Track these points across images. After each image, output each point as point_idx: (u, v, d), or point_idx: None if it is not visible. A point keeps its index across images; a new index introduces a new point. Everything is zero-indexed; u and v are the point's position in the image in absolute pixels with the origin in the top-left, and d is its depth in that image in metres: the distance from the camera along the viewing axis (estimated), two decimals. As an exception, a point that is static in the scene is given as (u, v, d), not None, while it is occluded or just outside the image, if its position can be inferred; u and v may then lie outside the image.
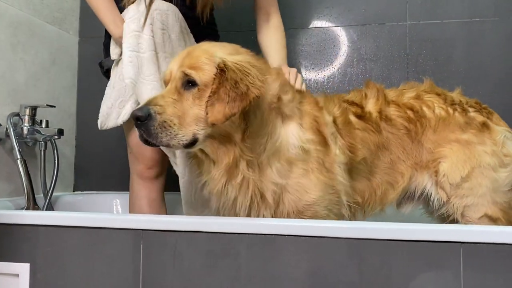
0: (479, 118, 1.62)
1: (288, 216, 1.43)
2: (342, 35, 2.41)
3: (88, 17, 2.57)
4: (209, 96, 1.29)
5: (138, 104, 1.67)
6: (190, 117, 1.30)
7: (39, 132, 2.03)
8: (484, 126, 1.60)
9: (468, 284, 1.16)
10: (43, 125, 2.06)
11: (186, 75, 1.32)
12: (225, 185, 1.39)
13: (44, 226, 1.39)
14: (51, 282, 1.37)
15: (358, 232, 1.22)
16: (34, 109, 2.02)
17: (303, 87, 1.76)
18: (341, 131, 1.54)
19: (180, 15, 1.77)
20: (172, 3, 1.76)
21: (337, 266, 1.22)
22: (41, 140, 2.07)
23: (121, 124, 1.78)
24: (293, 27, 2.42)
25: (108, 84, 1.82)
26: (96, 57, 2.54)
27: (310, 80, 2.41)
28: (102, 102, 1.81)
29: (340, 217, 1.50)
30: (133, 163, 1.82)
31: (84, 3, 2.57)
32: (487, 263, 1.17)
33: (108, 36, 1.84)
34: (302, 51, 2.43)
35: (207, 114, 1.28)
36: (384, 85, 1.81)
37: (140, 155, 1.77)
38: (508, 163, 1.58)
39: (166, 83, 1.40)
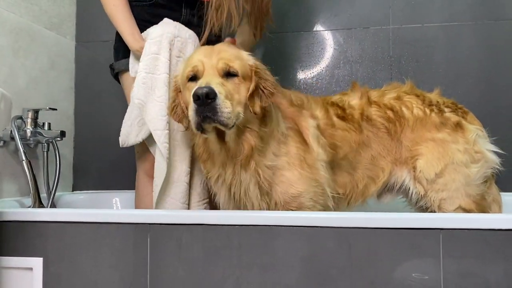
0: (454, 118, 1.72)
1: (277, 206, 1.56)
2: (329, 38, 2.48)
3: (84, 22, 2.64)
4: (253, 90, 1.48)
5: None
6: (236, 100, 1.45)
7: (41, 134, 2.09)
8: (458, 126, 1.71)
9: (447, 266, 1.27)
10: (45, 127, 2.12)
11: (229, 66, 1.47)
12: (239, 174, 1.54)
13: (56, 223, 1.46)
14: (63, 274, 1.45)
15: (347, 222, 1.32)
16: (36, 112, 2.08)
17: None
18: (324, 131, 1.67)
19: (198, 43, 1.82)
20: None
21: (328, 253, 1.32)
22: (43, 142, 2.13)
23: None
24: (283, 31, 2.50)
25: (130, 104, 1.83)
26: (92, 60, 2.63)
27: (299, 81, 2.50)
28: (124, 121, 1.82)
29: (326, 207, 1.62)
30: (141, 162, 1.88)
31: (80, 9, 2.64)
32: (464, 247, 1.27)
33: (119, 39, 1.86)
34: (291, 54, 2.50)
35: (249, 105, 1.48)
36: (369, 86, 1.91)
37: (147, 154, 1.83)
38: (479, 159, 1.69)
39: (199, 72, 1.48)
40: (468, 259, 1.27)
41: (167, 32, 1.75)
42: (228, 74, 1.47)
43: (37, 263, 1.45)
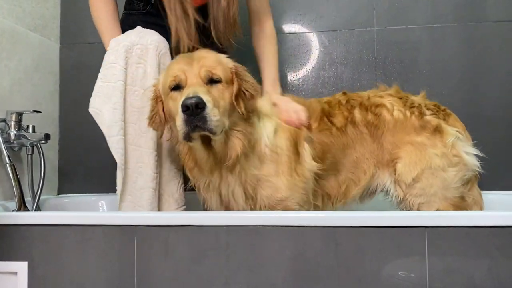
0: (434, 121, 1.73)
1: (261, 209, 1.58)
2: (314, 40, 2.50)
3: (68, 24, 2.61)
4: (236, 91, 1.50)
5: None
6: (222, 107, 1.46)
7: (25, 137, 2.06)
8: (437, 130, 1.71)
9: (433, 264, 1.29)
10: (30, 130, 2.10)
11: (212, 73, 1.48)
12: (226, 177, 1.55)
13: (40, 226, 1.45)
14: (49, 279, 1.43)
15: (334, 221, 1.34)
16: (20, 114, 2.05)
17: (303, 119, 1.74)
18: (316, 137, 1.69)
19: (164, 50, 1.80)
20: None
21: (316, 252, 1.33)
22: (28, 145, 2.10)
23: None
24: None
25: None
26: (77, 62, 2.61)
27: (286, 83, 2.50)
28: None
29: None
30: None
31: (64, 11, 2.62)
32: (449, 244, 1.29)
33: None
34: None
35: (235, 106, 1.49)
36: (354, 87, 1.94)
37: None
38: (457, 163, 1.70)
39: (181, 82, 1.48)
40: (453, 256, 1.29)
41: (124, 41, 1.76)
42: (212, 81, 1.48)
43: (21, 267, 1.43)
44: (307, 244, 1.34)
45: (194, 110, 1.35)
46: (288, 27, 2.53)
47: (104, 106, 1.73)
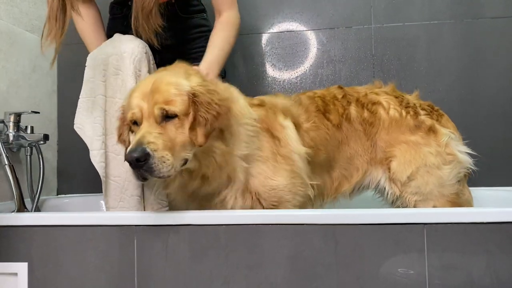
0: (428, 121, 1.76)
1: (257, 201, 1.55)
2: (312, 38, 2.51)
3: (66, 24, 2.62)
4: (192, 123, 1.37)
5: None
6: (179, 145, 1.37)
7: (24, 138, 2.06)
8: (431, 130, 1.74)
9: (432, 260, 1.29)
10: (28, 131, 2.10)
11: (165, 110, 1.37)
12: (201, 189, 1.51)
13: (40, 227, 1.45)
14: (49, 279, 1.43)
15: (332, 218, 1.34)
16: (18, 115, 2.05)
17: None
18: (303, 135, 1.68)
19: (139, 56, 1.76)
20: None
21: (315, 250, 1.33)
22: (26, 146, 2.10)
23: None
24: (267, 31, 2.52)
25: None
26: (74, 63, 2.60)
27: (284, 81, 2.51)
28: None
29: (305, 198, 1.62)
30: None
31: (61, 11, 2.62)
32: (448, 241, 1.30)
33: None
34: (275, 53, 2.52)
35: (191, 139, 1.37)
36: (352, 85, 1.94)
37: None
38: (451, 160, 1.72)
39: (138, 120, 1.41)
40: (452, 253, 1.30)
41: (100, 55, 1.78)
42: (167, 117, 1.38)
43: (22, 268, 1.44)
44: (306, 242, 1.34)
45: (137, 164, 1.29)
46: (285, 25, 2.53)
47: (86, 121, 1.78)
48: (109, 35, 1.91)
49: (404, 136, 1.73)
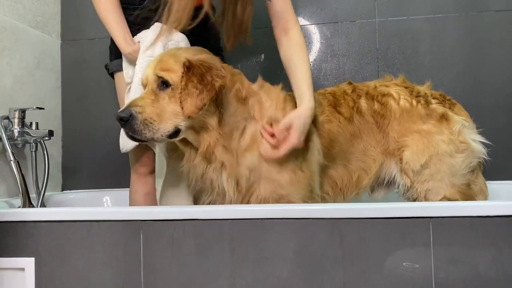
0: (440, 109, 1.75)
1: (265, 201, 1.56)
2: (316, 32, 2.49)
3: (69, 20, 2.61)
4: (180, 93, 1.44)
5: None
6: (169, 113, 1.45)
7: (29, 134, 2.07)
8: (443, 117, 1.73)
9: (438, 254, 1.29)
10: (33, 127, 2.10)
11: (159, 77, 1.47)
12: (205, 170, 1.54)
13: (47, 222, 1.45)
14: (56, 274, 1.44)
15: (338, 213, 1.34)
16: (23, 111, 2.05)
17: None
18: (322, 127, 1.68)
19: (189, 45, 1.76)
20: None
21: (321, 244, 1.33)
22: (31, 142, 2.11)
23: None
24: (270, 26, 2.51)
25: None
26: (78, 58, 2.61)
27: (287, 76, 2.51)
28: None
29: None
30: (131, 161, 1.90)
31: (65, 7, 2.62)
32: (454, 234, 1.29)
33: (112, 41, 1.84)
34: (279, 48, 2.52)
35: (182, 108, 1.44)
36: (356, 79, 1.95)
37: (135, 154, 1.85)
38: (464, 149, 1.71)
39: (144, 86, 1.54)
40: (458, 247, 1.29)
41: (161, 36, 1.72)
42: (162, 84, 1.48)
43: (29, 263, 1.44)
44: (312, 236, 1.34)
45: (121, 123, 1.44)
46: (289, 20, 2.52)
47: (131, 143, 1.72)
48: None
49: (416, 125, 1.73)
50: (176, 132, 1.48)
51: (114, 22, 1.77)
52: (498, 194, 2.04)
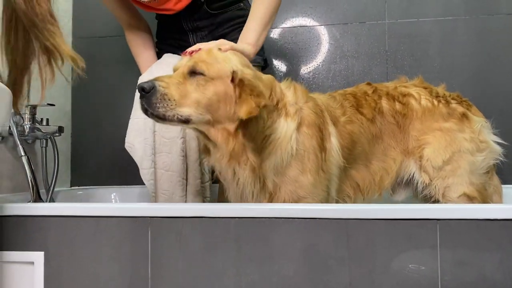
0: (460, 109, 1.77)
1: (283, 202, 1.56)
2: (325, 33, 2.50)
3: (80, 18, 2.64)
4: (237, 98, 1.42)
5: None
6: (190, 99, 1.43)
7: (39, 130, 2.09)
8: (464, 116, 1.75)
9: (444, 256, 1.29)
10: (44, 123, 2.13)
11: (194, 67, 1.45)
12: (234, 171, 1.54)
13: (56, 217, 1.46)
14: (65, 268, 1.45)
15: (345, 213, 1.34)
16: (34, 107, 2.08)
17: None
18: (341, 129, 1.68)
19: None
20: None
21: (327, 244, 1.33)
22: (41, 138, 2.14)
23: None
24: (279, 26, 2.52)
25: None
26: (89, 56, 2.62)
27: (296, 76, 2.50)
28: (129, 130, 1.97)
29: None
30: None
31: (76, 5, 2.65)
32: (461, 237, 1.29)
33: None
34: (288, 48, 2.52)
35: (234, 111, 1.44)
36: (365, 80, 1.94)
37: None
38: (484, 149, 1.73)
39: (175, 70, 1.53)
40: (465, 249, 1.29)
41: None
42: (193, 72, 1.46)
43: (38, 257, 1.46)
44: (318, 236, 1.34)
45: (141, 94, 1.41)
46: (298, 20, 2.53)
47: (136, 140, 1.86)
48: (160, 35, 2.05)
49: (438, 123, 1.74)
50: (187, 120, 1.45)
51: (136, 54, 2.05)
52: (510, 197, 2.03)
